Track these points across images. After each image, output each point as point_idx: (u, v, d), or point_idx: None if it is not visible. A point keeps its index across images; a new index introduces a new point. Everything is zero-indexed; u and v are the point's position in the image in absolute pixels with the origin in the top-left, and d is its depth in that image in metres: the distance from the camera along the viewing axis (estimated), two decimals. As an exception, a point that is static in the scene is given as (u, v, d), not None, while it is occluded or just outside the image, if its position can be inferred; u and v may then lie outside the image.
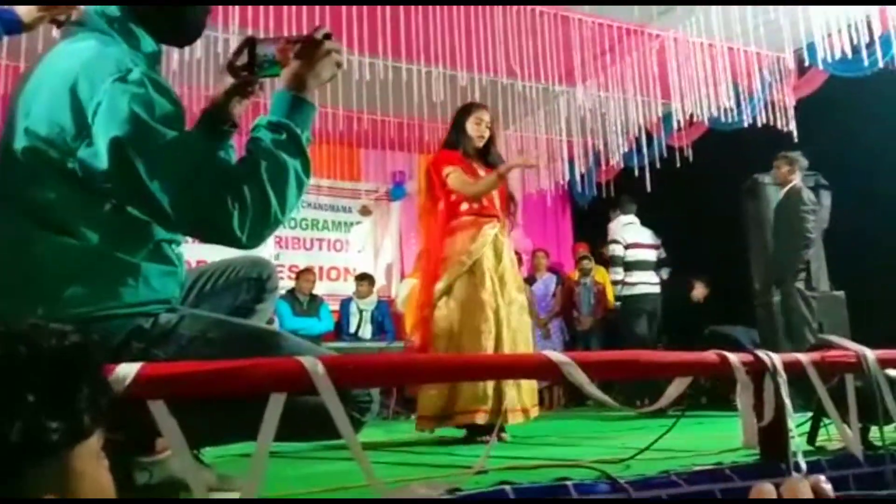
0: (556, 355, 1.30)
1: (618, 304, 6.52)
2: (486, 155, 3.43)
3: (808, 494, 0.62)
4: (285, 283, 7.55)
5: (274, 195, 1.20)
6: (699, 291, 6.22)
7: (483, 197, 3.31)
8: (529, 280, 7.65)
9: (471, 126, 3.37)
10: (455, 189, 3.26)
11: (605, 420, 4.28)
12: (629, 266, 6.19)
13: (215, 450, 1.67)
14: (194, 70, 4.86)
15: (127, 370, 1.04)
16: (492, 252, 3.27)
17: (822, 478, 0.64)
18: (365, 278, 7.34)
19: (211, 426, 1.23)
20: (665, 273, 6.40)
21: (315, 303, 7.01)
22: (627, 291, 6.20)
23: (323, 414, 1.11)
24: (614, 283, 6.36)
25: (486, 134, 3.41)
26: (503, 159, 3.53)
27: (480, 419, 2.96)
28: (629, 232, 6.32)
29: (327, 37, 1.33)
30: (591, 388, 1.34)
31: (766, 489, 0.64)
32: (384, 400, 6.54)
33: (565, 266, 8.68)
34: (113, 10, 1.32)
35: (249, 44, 1.42)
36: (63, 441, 0.58)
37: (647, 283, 6.19)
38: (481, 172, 3.36)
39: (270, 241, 7.79)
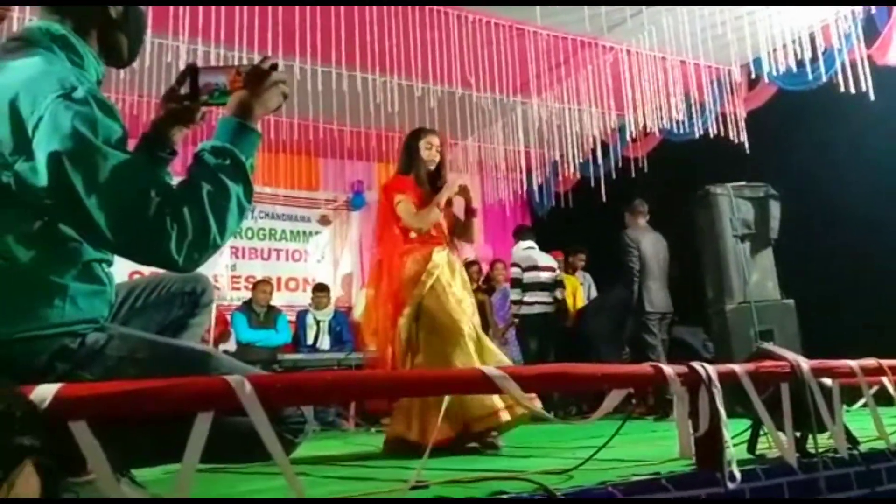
0: (491, 370, 1.30)
1: (516, 320, 6.96)
2: (437, 179, 3.47)
3: None
4: (242, 294, 7.48)
5: (214, 219, 1.19)
6: None
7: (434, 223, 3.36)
8: (488, 290, 7.69)
9: (423, 150, 3.42)
10: (402, 219, 3.32)
11: (563, 427, 4.30)
12: (527, 287, 6.74)
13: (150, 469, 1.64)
14: (144, 78, 4.79)
15: (45, 391, 1.02)
16: (447, 269, 3.32)
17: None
18: (322, 289, 7.28)
19: (139, 447, 1.20)
20: (560, 293, 6.99)
21: (272, 314, 6.92)
22: (526, 311, 6.75)
23: (253, 435, 1.10)
24: (513, 302, 6.88)
25: (437, 158, 3.45)
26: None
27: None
28: (526, 255, 6.86)
29: (274, 67, 1.34)
30: (527, 401, 1.34)
31: None
32: (343, 412, 6.49)
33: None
34: (56, 28, 1.31)
35: (192, 72, 1.42)
36: None
37: (543, 302, 6.78)
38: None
39: (226, 251, 7.71)
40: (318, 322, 7.07)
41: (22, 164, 1.15)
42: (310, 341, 6.99)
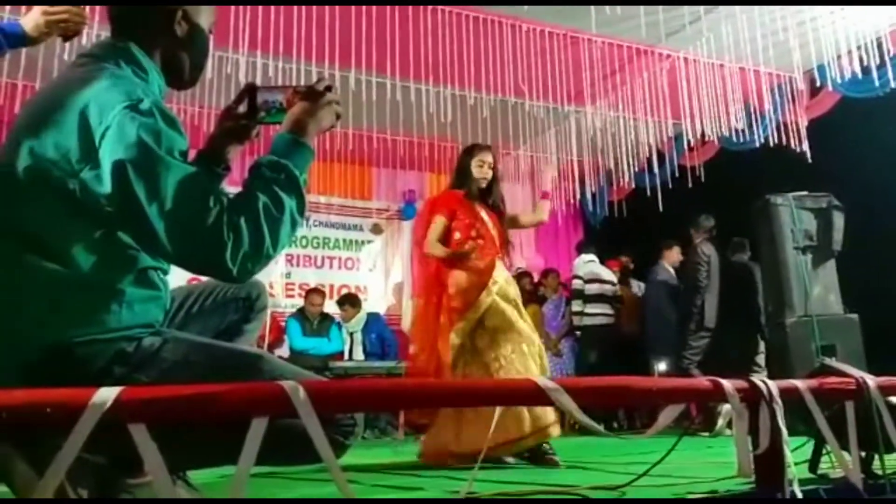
0: (545, 381, 1.28)
1: (577, 332, 7.03)
2: (489, 195, 3.50)
3: None
4: (296, 302, 7.59)
5: (268, 231, 1.21)
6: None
7: (486, 237, 3.39)
8: (540, 300, 7.63)
9: (475, 168, 3.45)
10: (425, 239, 3.39)
11: (615, 441, 4.23)
12: (590, 299, 6.86)
13: (205, 472, 1.66)
14: (206, 90, 4.92)
15: (107, 394, 1.04)
16: (506, 285, 3.35)
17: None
18: (346, 301, 7.20)
19: (194, 449, 1.22)
20: (618, 307, 7.04)
21: (326, 322, 6.97)
22: (588, 321, 6.85)
23: (305, 438, 1.11)
24: (574, 313, 6.98)
25: (489, 175, 3.48)
26: (503, 200, 3.60)
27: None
28: (589, 269, 7.00)
29: (328, 88, 1.39)
30: (580, 415, 1.31)
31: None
32: (393, 420, 6.51)
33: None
34: (123, 43, 1.37)
35: (250, 91, 1.47)
36: None
37: (605, 314, 6.89)
38: (482, 213, 3.44)
39: (281, 259, 7.85)
40: (350, 334, 7.06)
41: (88, 173, 1.19)
42: (346, 354, 7.01)
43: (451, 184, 3.59)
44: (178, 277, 1.40)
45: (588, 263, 7.04)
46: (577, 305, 6.90)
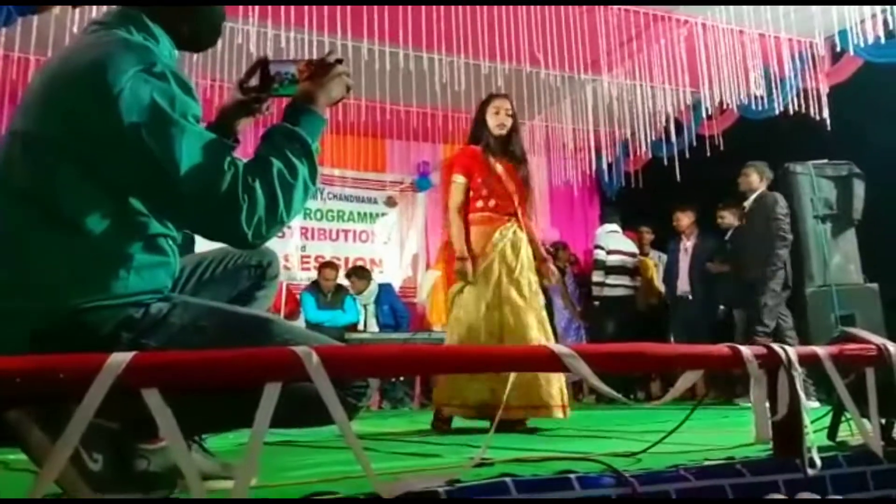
0: (559, 347, 1.27)
1: (596, 303, 7.02)
2: (508, 145, 3.40)
3: None
4: (312, 274, 7.62)
5: (282, 196, 1.23)
6: (715, 267, 6.09)
7: (499, 195, 3.34)
8: (562, 271, 7.59)
9: (490, 117, 3.37)
10: (450, 195, 3.40)
11: (629, 412, 4.23)
12: (611, 270, 6.81)
13: (219, 438, 1.67)
14: (216, 61, 4.89)
15: (119, 359, 1.04)
16: (510, 249, 3.29)
17: None
18: (353, 274, 7.21)
19: (207, 414, 1.22)
20: (638, 279, 7.04)
21: (340, 294, 7.00)
22: (608, 293, 6.81)
23: (319, 401, 1.10)
24: (595, 284, 6.90)
25: (507, 122, 3.37)
26: (524, 150, 3.51)
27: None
28: (611, 239, 6.93)
29: (339, 61, 1.42)
30: (596, 381, 1.30)
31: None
32: (408, 391, 6.55)
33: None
34: (131, 11, 1.35)
35: (262, 64, 1.49)
36: None
37: (625, 286, 6.87)
38: (498, 167, 3.36)
39: (296, 232, 7.87)
40: (364, 307, 7.10)
41: (101, 137, 1.18)
42: (360, 326, 7.05)
43: (469, 138, 3.50)
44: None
45: (611, 234, 6.97)
46: (598, 276, 6.83)
